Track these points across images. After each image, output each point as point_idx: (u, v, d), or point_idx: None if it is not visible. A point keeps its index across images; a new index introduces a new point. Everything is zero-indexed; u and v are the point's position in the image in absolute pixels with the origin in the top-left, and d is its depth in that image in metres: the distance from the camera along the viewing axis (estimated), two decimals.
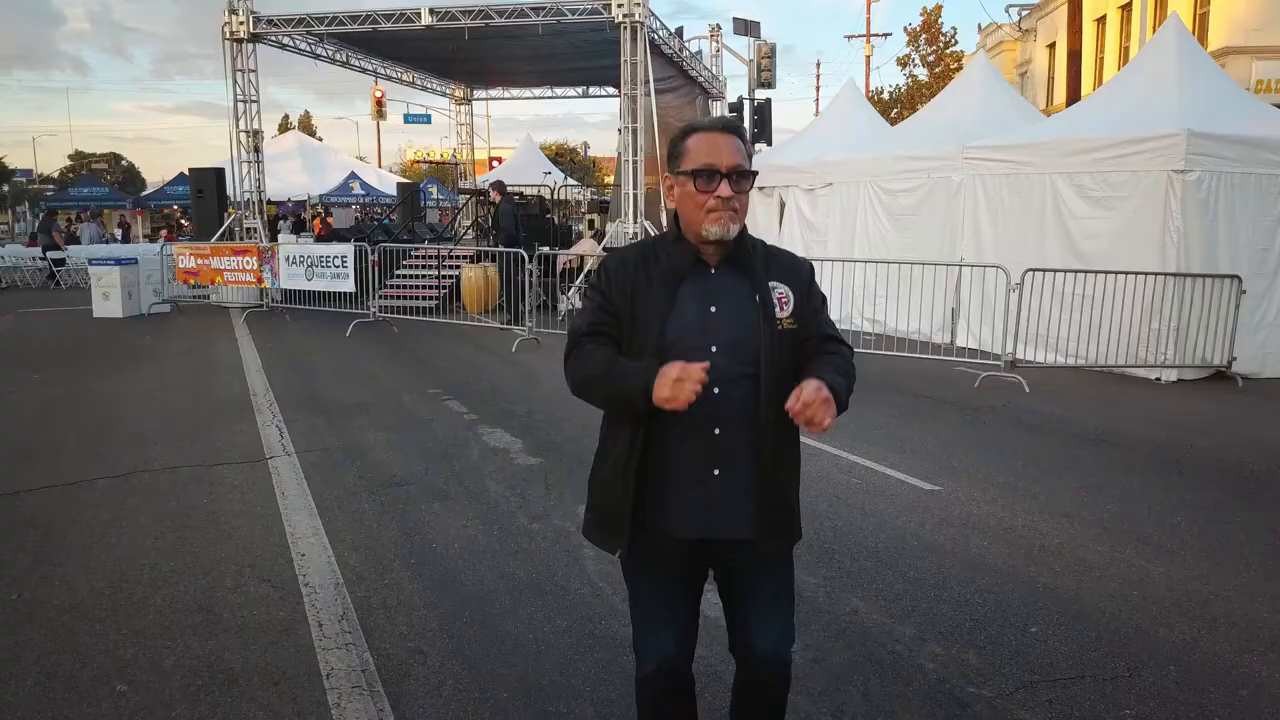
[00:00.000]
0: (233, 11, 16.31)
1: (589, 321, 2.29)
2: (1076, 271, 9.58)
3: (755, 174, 2.24)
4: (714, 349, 2.18)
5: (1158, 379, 9.63)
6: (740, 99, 25.25)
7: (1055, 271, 9.63)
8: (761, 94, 25.17)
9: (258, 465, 6.38)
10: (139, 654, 3.62)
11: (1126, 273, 9.39)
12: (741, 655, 2.43)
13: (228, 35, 16.50)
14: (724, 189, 2.16)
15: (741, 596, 2.38)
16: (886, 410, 8.19)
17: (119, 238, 29.29)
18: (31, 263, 22.49)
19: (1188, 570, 4.52)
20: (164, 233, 29.18)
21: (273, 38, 16.98)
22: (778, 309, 2.23)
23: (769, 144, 28.63)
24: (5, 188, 73.59)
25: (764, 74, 24.90)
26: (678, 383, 2.02)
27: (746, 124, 25.03)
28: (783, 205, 15.17)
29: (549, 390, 8.82)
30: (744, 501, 2.24)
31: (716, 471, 2.22)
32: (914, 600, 4.11)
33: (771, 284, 2.25)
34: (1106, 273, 9.42)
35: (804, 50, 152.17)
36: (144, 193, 40.49)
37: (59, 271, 21.29)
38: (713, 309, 2.22)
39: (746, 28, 24.36)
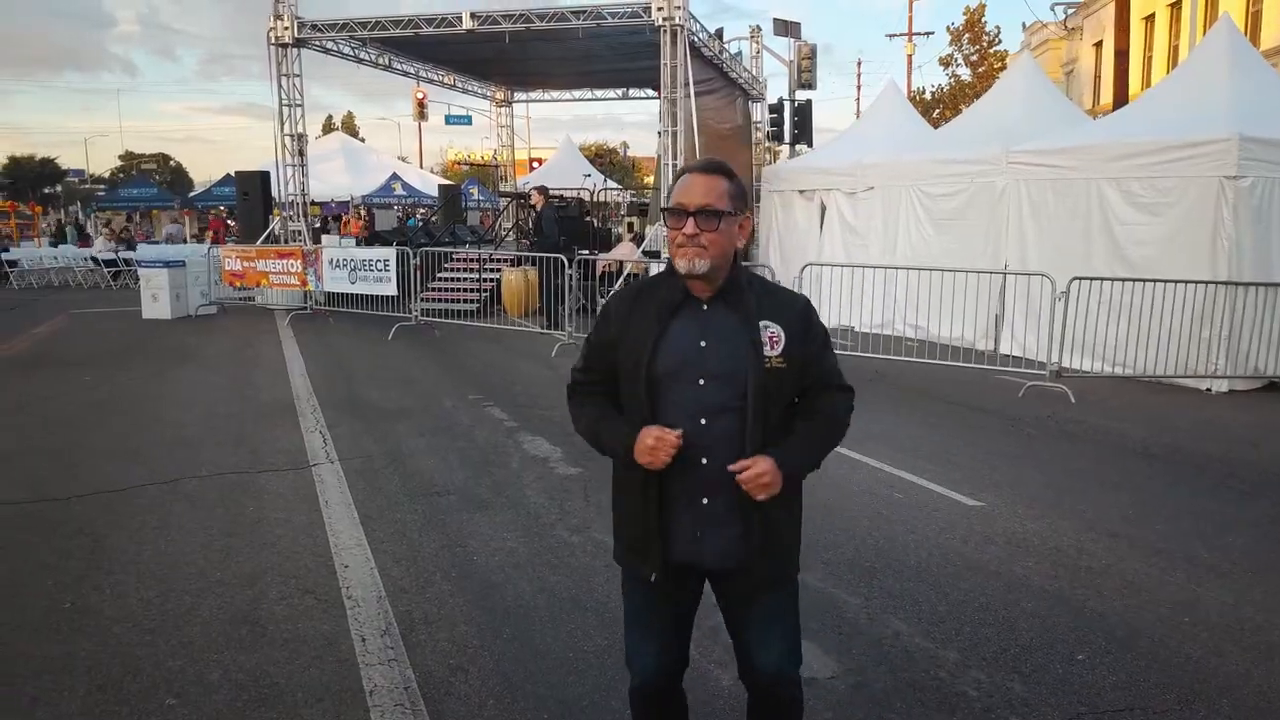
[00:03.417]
0: (278, 17, 16.54)
1: (583, 365, 2.52)
2: (1124, 280, 9.40)
3: (726, 214, 2.27)
4: (701, 381, 2.28)
5: (1208, 389, 9.43)
6: (780, 100, 25.14)
7: (1102, 280, 9.45)
8: (802, 95, 25.04)
9: (302, 472, 6.47)
10: (187, 666, 3.68)
11: (1177, 281, 9.21)
12: (748, 679, 2.51)
13: (273, 40, 16.74)
14: (689, 226, 2.23)
15: (740, 621, 2.46)
16: (929, 421, 8.11)
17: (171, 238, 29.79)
18: (84, 264, 22.97)
19: (1240, 594, 4.42)
20: (210, 234, 29.60)
21: (316, 42, 17.20)
22: (767, 347, 2.28)
23: (810, 145, 28.50)
24: (58, 188, 75.32)
25: (804, 75, 24.72)
26: (653, 450, 2.22)
27: (786, 125, 24.96)
28: (823, 208, 15.08)
29: None
30: (731, 530, 2.31)
31: (705, 500, 2.31)
32: (957, 623, 4.06)
33: (763, 323, 2.30)
34: (1156, 281, 9.24)
35: (844, 49, 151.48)
36: (191, 193, 41.18)
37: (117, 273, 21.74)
38: (703, 343, 2.29)
39: (787, 29, 24.21)
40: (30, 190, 68.11)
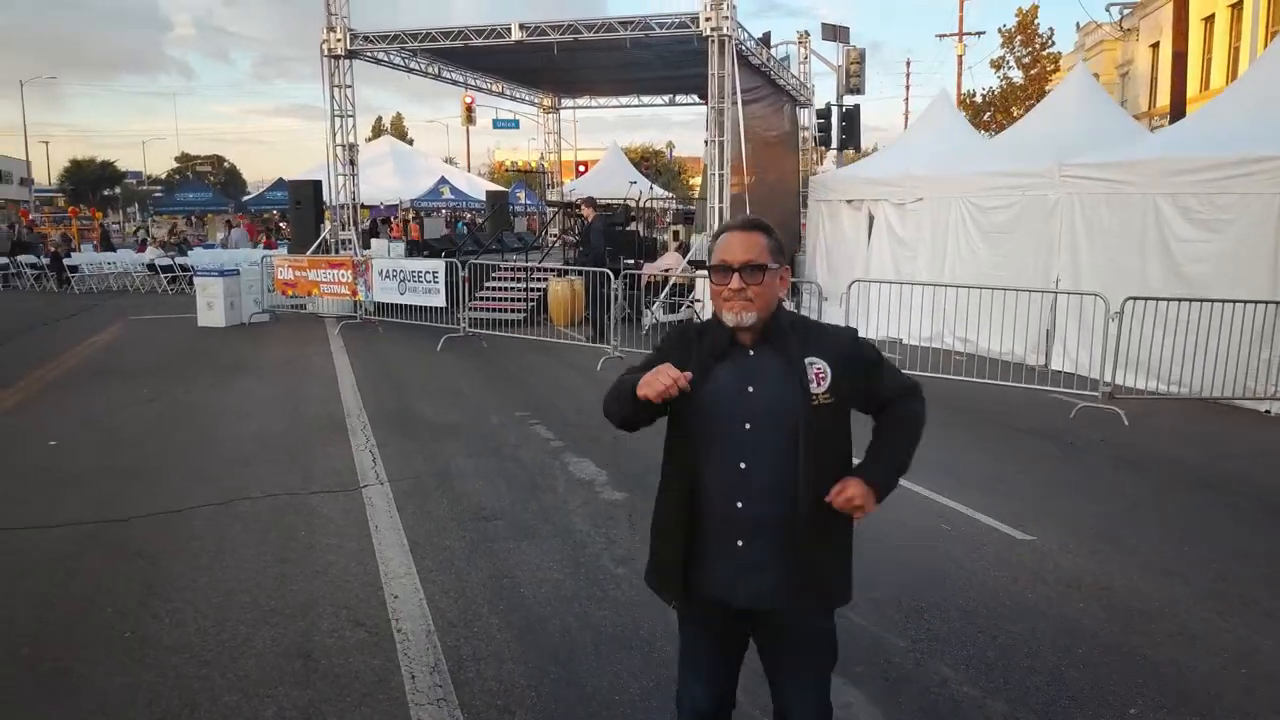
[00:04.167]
0: (330, 29, 16.79)
1: (638, 367, 2.53)
2: (1180, 300, 9.21)
3: (769, 268, 2.37)
4: (747, 425, 2.35)
5: (1267, 411, 9.20)
6: (828, 105, 24.98)
7: (1158, 300, 9.26)
8: (850, 100, 24.85)
9: (352, 494, 6.57)
10: (242, 702, 3.77)
11: (1235, 301, 8.99)
12: None
13: (325, 52, 16.99)
14: (735, 281, 2.35)
15: (775, 667, 2.54)
16: (979, 444, 8.02)
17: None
18: (140, 269, 23.51)
19: None
20: (264, 238, 30.15)
21: (368, 54, 17.42)
22: (814, 384, 2.35)
23: (857, 149, 28.26)
24: (117, 190, 77.20)
25: (852, 80, 24.55)
26: (655, 375, 2.29)
27: (834, 130, 24.78)
28: (871, 218, 14.95)
29: None
30: (771, 573, 2.37)
31: (740, 542, 2.37)
32: (1006, 670, 4.01)
33: (809, 360, 2.38)
34: (1214, 301, 9.04)
35: (893, 47, 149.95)
36: (244, 196, 42.00)
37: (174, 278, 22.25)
38: (750, 388, 2.37)
39: (835, 34, 24.04)
40: (90, 193, 69.90)
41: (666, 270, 15.84)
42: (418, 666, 4.04)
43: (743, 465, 2.33)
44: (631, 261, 15.57)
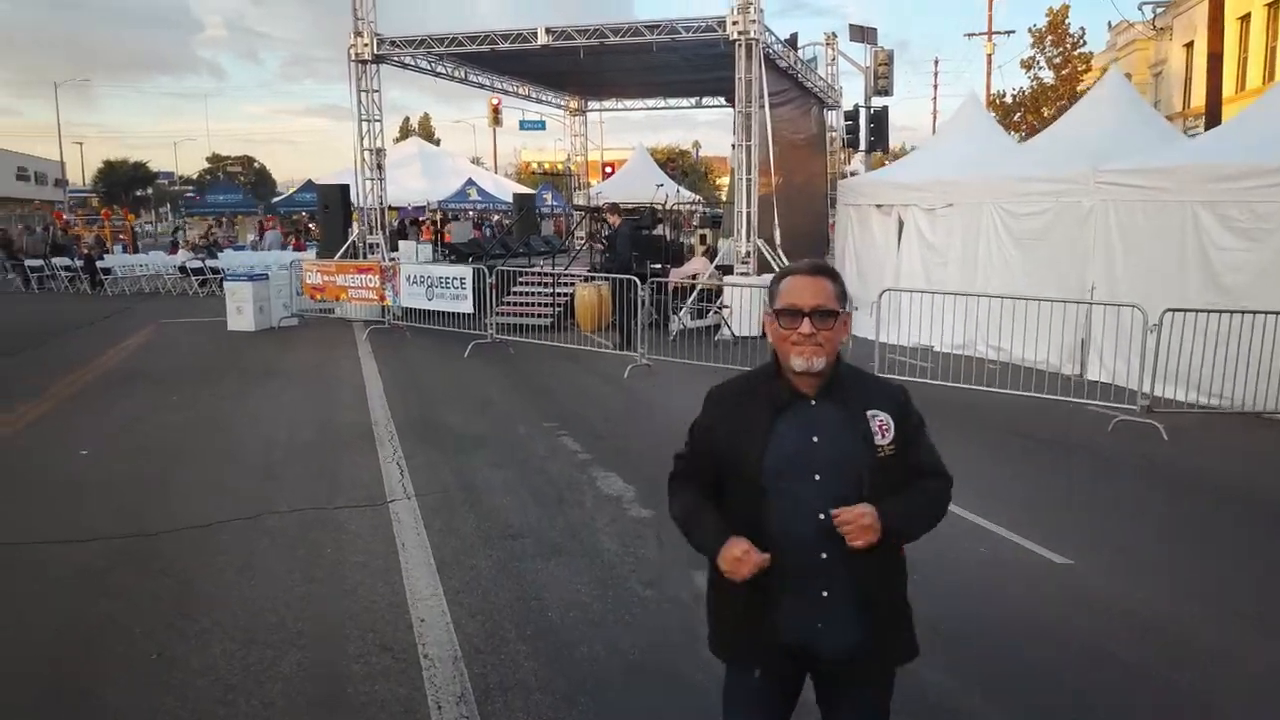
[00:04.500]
0: (357, 34, 16.86)
1: (686, 452, 2.58)
2: (1220, 311, 9.00)
3: (839, 313, 2.36)
4: (817, 477, 2.33)
5: None
6: (856, 106, 24.81)
7: (1198, 312, 9.05)
8: (878, 101, 24.66)
9: (379, 509, 6.55)
10: None
11: (1277, 312, 8.78)
12: None
13: (353, 57, 17.07)
14: (805, 326, 2.32)
15: (836, 706, 2.51)
16: (1015, 461, 7.88)
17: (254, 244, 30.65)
18: (172, 272, 23.73)
19: None
20: (293, 239, 30.36)
21: (395, 58, 17.49)
22: (878, 436, 2.36)
23: (885, 151, 28.05)
24: (149, 190, 78.14)
25: (881, 81, 24.35)
26: (738, 561, 2.28)
27: (862, 132, 24.60)
28: (900, 223, 14.78)
29: (660, 425, 8.77)
30: (857, 622, 2.36)
31: (825, 593, 2.35)
32: (1045, 714, 3.90)
33: (870, 412, 2.38)
34: (1255, 313, 8.83)
35: (921, 45, 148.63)
36: (274, 197, 42.37)
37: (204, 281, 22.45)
38: (814, 439, 2.36)
39: (863, 35, 23.86)
40: (124, 193, 70.79)
41: (694, 275, 15.77)
42: (444, 696, 3.99)
43: (822, 516, 2.30)
44: (658, 267, 15.49)
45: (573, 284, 16.05)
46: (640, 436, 8.57)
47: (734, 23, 14.31)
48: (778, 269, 15.44)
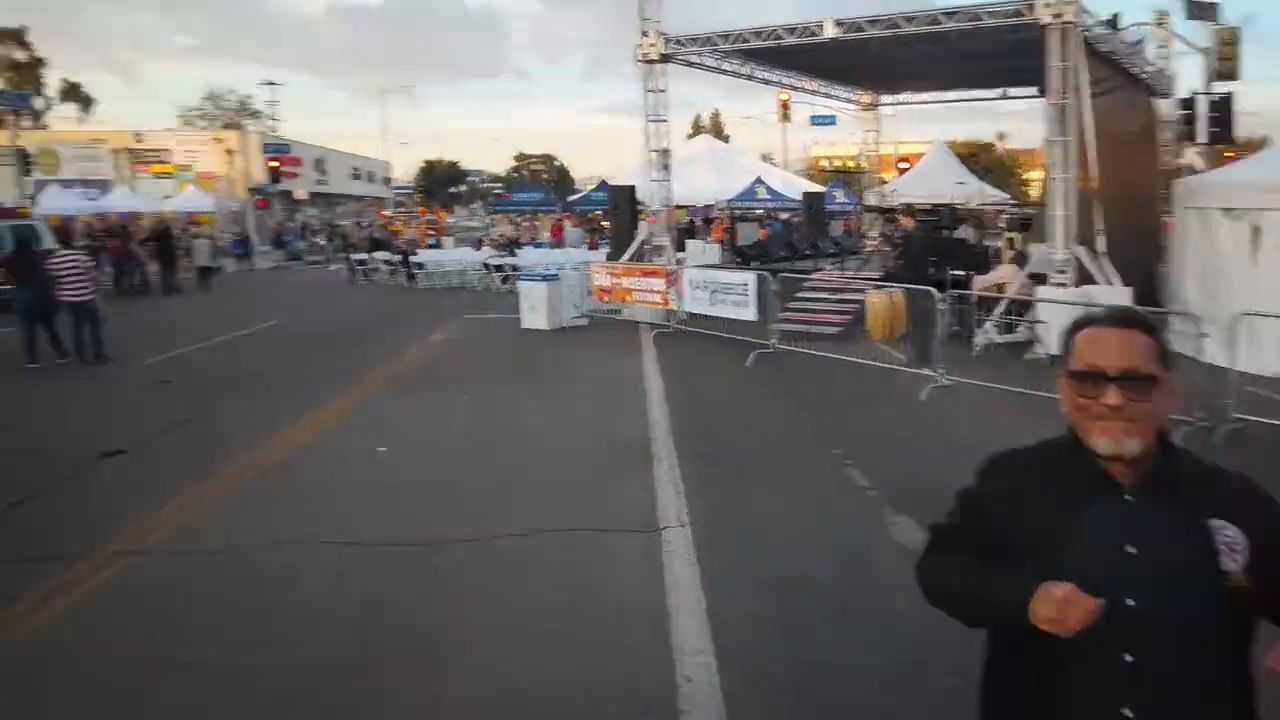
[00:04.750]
0: (644, 35, 16.90)
1: (950, 525, 2.00)
2: None
3: (1159, 378, 1.75)
4: (1130, 601, 1.68)
5: None
6: (1193, 94, 21.70)
7: None
8: (1221, 87, 21.49)
9: (650, 536, 6.22)
10: None
11: None
12: None
13: (640, 57, 17.14)
14: (1111, 396, 1.72)
15: None
16: None
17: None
18: (477, 268, 25.28)
19: None
20: (589, 237, 31.52)
21: (681, 57, 17.39)
22: (1226, 559, 1.69)
23: (1231, 144, 24.46)
24: (462, 188, 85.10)
25: (1224, 64, 21.26)
26: (1064, 604, 1.63)
27: (1202, 124, 21.50)
28: (1256, 231, 12.58)
29: (963, 463, 7.78)
30: None
31: None
32: None
33: (1214, 522, 1.71)
34: None
35: (1273, 19, 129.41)
36: (571, 196, 44.44)
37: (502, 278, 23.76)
38: (1130, 548, 1.72)
39: (1200, 11, 20.87)
40: (440, 190, 77.56)
41: (1000, 284, 14.34)
42: None
43: (1128, 657, 1.69)
44: (960, 273, 14.25)
45: (863, 290, 15.16)
46: (938, 474, 7.56)
47: (1046, 4, 12.76)
48: (1099, 280, 13.75)
